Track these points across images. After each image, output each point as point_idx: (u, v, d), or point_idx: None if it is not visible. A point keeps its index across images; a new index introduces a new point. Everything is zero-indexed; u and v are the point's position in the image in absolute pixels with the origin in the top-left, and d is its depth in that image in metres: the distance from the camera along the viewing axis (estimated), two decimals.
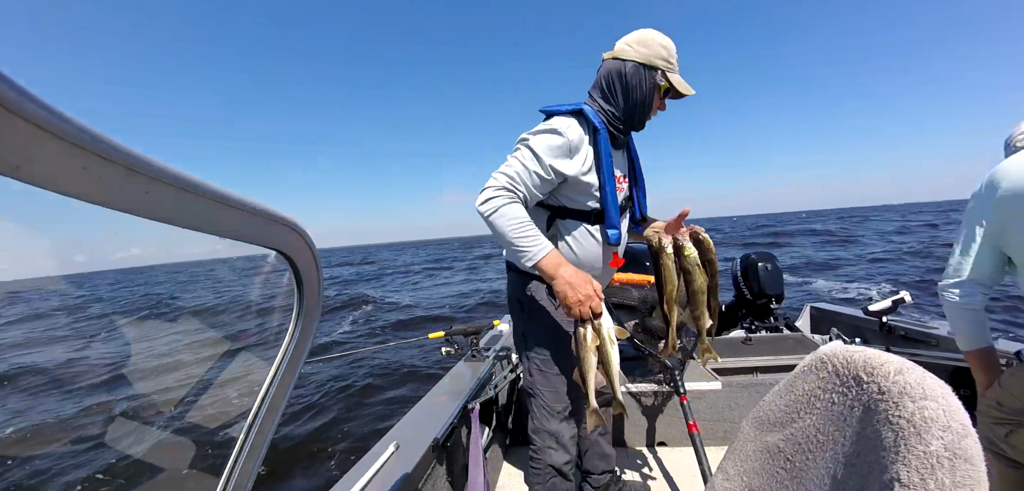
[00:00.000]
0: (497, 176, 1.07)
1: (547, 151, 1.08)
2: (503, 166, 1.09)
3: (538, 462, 1.26)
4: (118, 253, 0.41)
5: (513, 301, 1.28)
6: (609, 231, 1.17)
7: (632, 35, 1.16)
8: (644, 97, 1.15)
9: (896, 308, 2.02)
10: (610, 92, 1.16)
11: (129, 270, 40.06)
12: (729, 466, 0.82)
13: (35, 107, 0.24)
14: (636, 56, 1.13)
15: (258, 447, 0.61)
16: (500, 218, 1.03)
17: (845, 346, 0.65)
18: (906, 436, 0.47)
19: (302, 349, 0.61)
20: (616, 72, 1.14)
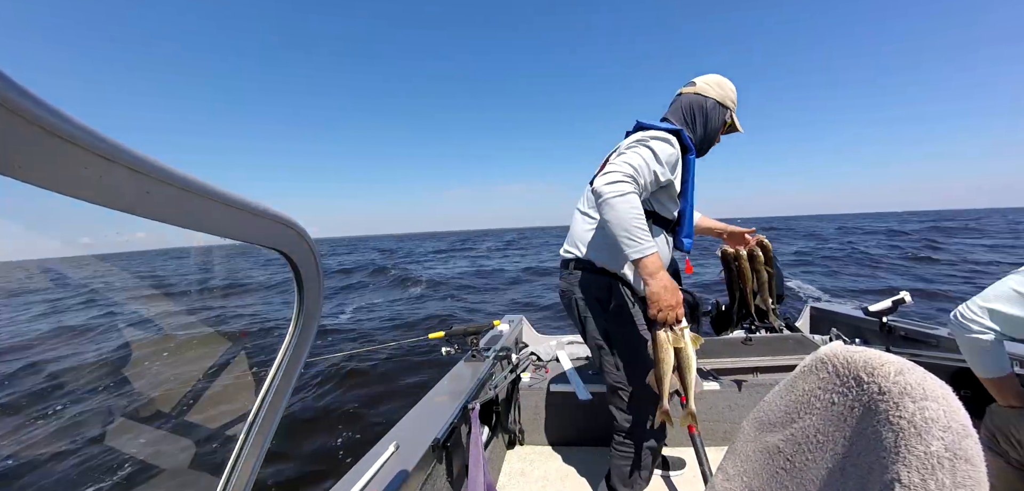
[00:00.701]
0: (622, 165, 1.14)
1: (665, 157, 1.21)
2: (626, 158, 1.17)
3: (632, 447, 1.38)
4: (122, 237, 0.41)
5: (591, 300, 1.37)
6: (685, 240, 1.36)
7: (712, 77, 1.37)
8: (716, 130, 1.37)
9: (896, 308, 2.02)
10: (691, 121, 1.35)
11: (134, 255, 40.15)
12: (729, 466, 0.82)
13: (35, 107, 0.24)
14: (715, 95, 1.34)
15: (258, 446, 0.61)
16: (624, 203, 1.10)
17: (845, 346, 0.65)
18: (907, 436, 0.47)
19: (302, 349, 0.61)
20: (698, 105, 1.34)
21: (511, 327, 2.49)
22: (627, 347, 1.35)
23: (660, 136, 1.23)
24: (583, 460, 1.93)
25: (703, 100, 1.35)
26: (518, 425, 2.04)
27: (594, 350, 1.43)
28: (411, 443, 1.21)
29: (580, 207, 1.46)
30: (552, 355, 2.35)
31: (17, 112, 0.23)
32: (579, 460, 1.93)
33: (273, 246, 0.49)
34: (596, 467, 1.88)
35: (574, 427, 2.03)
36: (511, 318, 2.68)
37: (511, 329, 2.46)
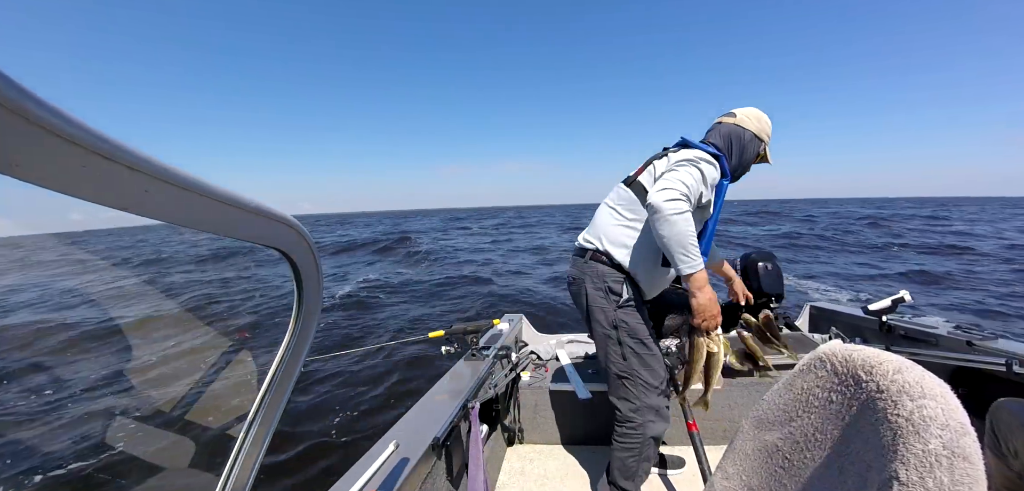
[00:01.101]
0: (677, 184, 1.22)
1: (710, 179, 1.30)
2: (681, 176, 1.25)
3: (635, 437, 1.40)
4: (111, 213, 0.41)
5: (604, 289, 1.40)
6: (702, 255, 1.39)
7: (751, 110, 1.47)
8: (750, 161, 1.47)
9: (895, 307, 2.02)
10: (728, 150, 1.43)
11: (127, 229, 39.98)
12: (728, 465, 0.82)
13: (34, 106, 0.24)
14: (753, 128, 1.44)
15: (258, 445, 0.61)
16: (682, 220, 1.19)
17: (844, 345, 0.65)
18: (905, 435, 0.47)
19: (302, 347, 0.61)
20: (737, 136, 1.44)
21: (511, 326, 2.49)
22: (636, 338, 1.38)
23: (709, 159, 1.32)
24: (583, 458, 1.93)
25: (742, 132, 1.44)
26: (518, 424, 2.04)
27: (601, 340, 1.43)
28: (411, 442, 1.21)
29: (609, 202, 1.49)
30: (552, 354, 2.35)
31: (17, 112, 0.23)
32: (579, 458, 1.93)
33: (273, 245, 0.49)
34: (596, 465, 1.88)
35: (574, 426, 2.03)
36: (511, 317, 2.68)
37: (511, 328, 2.47)
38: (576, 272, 1.48)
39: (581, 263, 1.46)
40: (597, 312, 1.41)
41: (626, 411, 1.41)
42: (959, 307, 6.42)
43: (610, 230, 1.43)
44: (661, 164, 1.42)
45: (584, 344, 2.58)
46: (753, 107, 1.49)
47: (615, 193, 1.50)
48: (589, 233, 1.49)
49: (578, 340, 2.65)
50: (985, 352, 1.60)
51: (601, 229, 1.45)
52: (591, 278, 1.42)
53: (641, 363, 1.38)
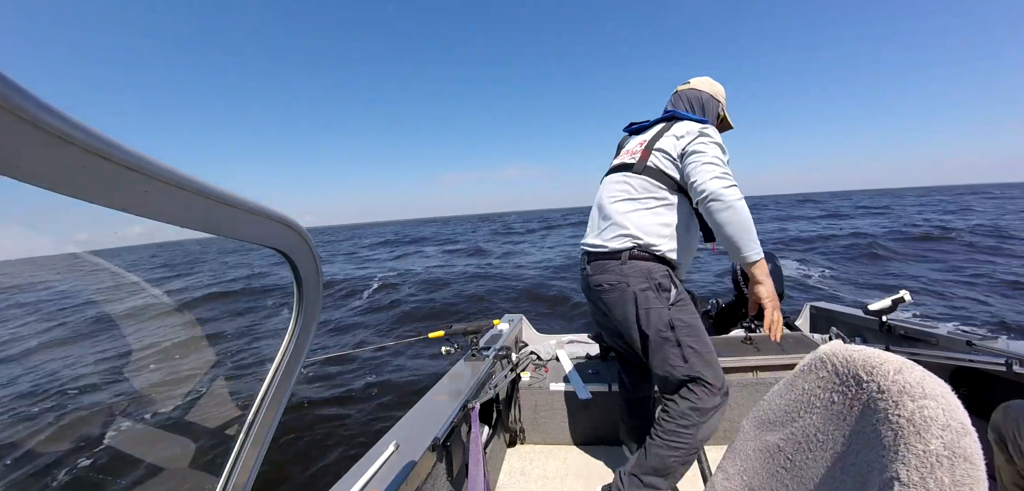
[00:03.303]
0: (722, 165, 1.22)
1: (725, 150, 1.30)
2: (716, 155, 1.24)
3: (686, 438, 1.27)
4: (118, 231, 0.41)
5: (654, 288, 1.30)
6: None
7: (702, 77, 1.52)
8: (713, 121, 1.48)
9: (896, 307, 2.02)
10: (700, 111, 1.47)
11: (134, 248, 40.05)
12: (729, 465, 0.82)
13: (34, 107, 0.24)
14: (709, 90, 1.49)
15: (258, 445, 0.61)
16: (743, 206, 1.17)
17: (845, 345, 0.65)
18: (905, 435, 0.47)
19: (302, 348, 0.61)
20: (697, 99, 1.48)
21: (511, 326, 2.49)
22: (695, 335, 1.29)
23: (714, 131, 1.31)
24: (583, 459, 1.93)
25: (700, 94, 1.49)
26: (518, 424, 2.04)
27: (656, 344, 1.29)
28: (411, 442, 1.21)
29: (626, 194, 1.38)
30: (552, 354, 2.35)
31: (17, 112, 0.23)
32: (579, 459, 1.93)
33: (273, 246, 0.49)
34: (596, 466, 1.88)
35: (574, 426, 2.03)
36: (511, 317, 2.68)
37: (511, 328, 2.46)
38: (613, 277, 1.32)
39: (617, 265, 1.32)
40: (652, 315, 1.28)
41: (684, 408, 1.27)
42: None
43: (643, 222, 1.32)
44: (669, 143, 1.34)
45: (584, 344, 2.57)
46: (705, 76, 1.54)
47: (625, 183, 1.39)
48: (615, 231, 1.35)
49: (578, 340, 2.65)
50: (985, 352, 1.60)
51: (632, 223, 1.32)
52: (636, 278, 1.29)
53: (703, 363, 1.27)
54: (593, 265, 1.41)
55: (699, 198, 1.21)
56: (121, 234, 0.51)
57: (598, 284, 1.38)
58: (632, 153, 1.46)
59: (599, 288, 1.37)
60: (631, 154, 1.46)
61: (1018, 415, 1.02)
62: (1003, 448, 1.03)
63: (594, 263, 1.40)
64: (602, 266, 1.37)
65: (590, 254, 1.43)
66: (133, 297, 2.99)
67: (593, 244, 1.42)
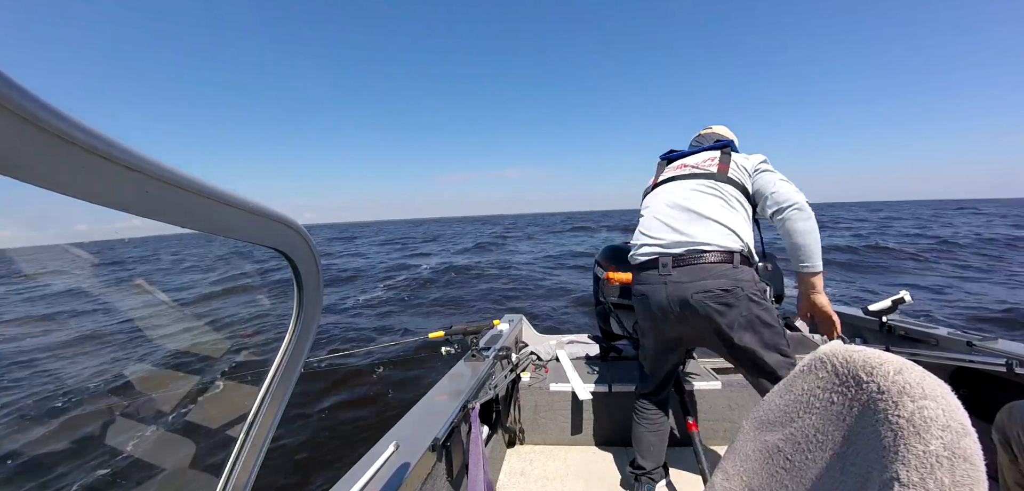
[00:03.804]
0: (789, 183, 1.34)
1: None
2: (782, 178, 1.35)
3: None
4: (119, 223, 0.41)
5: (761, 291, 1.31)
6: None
7: (721, 127, 1.67)
8: None
9: (896, 308, 2.02)
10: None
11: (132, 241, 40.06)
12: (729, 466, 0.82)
13: (34, 107, 0.24)
14: (732, 136, 1.63)
15: (258, 446, 0.61)
16: (812, 221, 1.26)
17: (844, 345, 0.65)
18: (905, 436, 0.47)
19: (302, 348, 0.61)
20: (727, 140, 1.57)
21: (511, 326, 2.49)
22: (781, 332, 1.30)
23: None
24: (583, 459, 1.93)
25: (728, 137, 1.61)
26: (518, 424, 2.04)
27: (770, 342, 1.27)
28: (411, 442, 1.21)
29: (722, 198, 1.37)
30: (552, 354, 2.35)
31: (17, 112, 0.23)
32: (579, 459, 1.93)
33: (273, 246, 0.49)
34: (596, 466, 1.88)
35: (574, 426, 2.03)
36: (511, 317, 2.68)
37: (511, 328, 2.47)
38: (726, 282, 1.25)
39: (729, 269, 1.26)
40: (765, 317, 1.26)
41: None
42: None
43: (741, 227, 1.32)
44: (741, 159, 1.44)
45: (584, 345, 2.58)
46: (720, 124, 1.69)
47: (713, 189, 1.38)
48: (717, 233, 1.30)
49: (578, 340, 2.65)
50: (985, 352, 1.60)
51: (733, 226, 1.31)
52: (749, 283, 1.26)
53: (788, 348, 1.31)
54: (687, 270, 1.30)
55: (783, 205, 1.29)
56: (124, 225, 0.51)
57: (704, 290, 1.26)
58: (705, 164, 1.47)
59: (705, 293, 1.26)
60: (704, 165, 1.47)
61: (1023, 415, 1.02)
62: (1007, 448, 1.03)
63: (688, 267, 1.30)
64: (707, 270, 1.27)
65: (680, 257, 1.32)
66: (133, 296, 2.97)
67: (690, 246, 1.31)
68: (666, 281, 1.33)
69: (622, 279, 2.02)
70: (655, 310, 1.37)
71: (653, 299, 1.37)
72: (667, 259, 1.34)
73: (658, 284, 1.35)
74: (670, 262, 1.33)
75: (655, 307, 1.37)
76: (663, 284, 1.34)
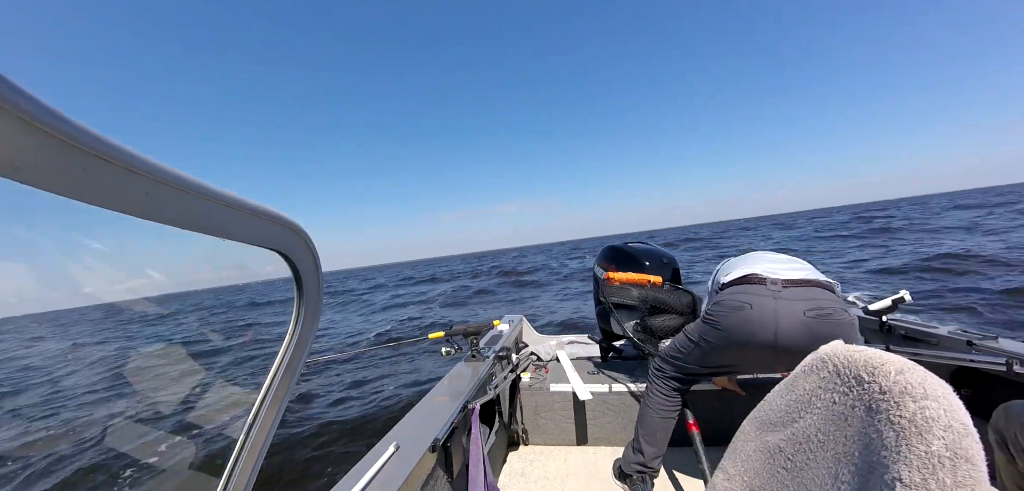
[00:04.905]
0: None
1: None
2: None
3: None
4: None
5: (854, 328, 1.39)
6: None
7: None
8: None
9: (896, 308, 2.02)
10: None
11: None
12: (730, 466, 0.82)
13: (35, 108, 0.24)
14: None
15: (258, 447, 0.61)
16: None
17: (846, 346, 0.65)
18: (907, 436, 0.47)
19: (302, 350, 0.61)
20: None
21: (511, 327, 2.49)
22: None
23: None
24: (583, 460, 1.93)
25: None
26: (518, 425, 2.04)
27: None
28: (411, 443, 1.21)
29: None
30: (552, 355, 2.35)
31: (16, 114, 0.23)
32: (579, 460, 1.93)
33: (273, 247, 0.49)
34: (597, 466, 1.88)
35: (574, 427, 2.03)
36: (511, 318, 2.68)
37: (511, 329, 2.46)
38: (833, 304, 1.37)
39: (835, 297, 1.39)
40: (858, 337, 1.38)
41: None
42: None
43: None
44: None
45: (584, 345, 2.57)
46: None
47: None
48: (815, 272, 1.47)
49: (578, 341, 2.65)
50: (986, 352, 1.60)
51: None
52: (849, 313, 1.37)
53: None
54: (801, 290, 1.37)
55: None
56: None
57: (820, 307, 1.34)
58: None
59: (820, 311, 1.34)
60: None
61: (1020, 415, 1.02)
62: (1004, 448, 1.03)
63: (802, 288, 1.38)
64: (821, 293, 1.37)
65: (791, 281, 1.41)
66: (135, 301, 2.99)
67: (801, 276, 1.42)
68: (775, 297, 1.34)
69: (622, 279, 2.02)
70: (753, 321, 1.36)
71: (757, 310, 1.35)
72: (776, 280, 1.37)
73: (765, 296, 1.35)
74: (780, 283, 1.36)
75: (755, 319, 1.35)
76: (772, 299, 1.34)
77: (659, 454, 1.62)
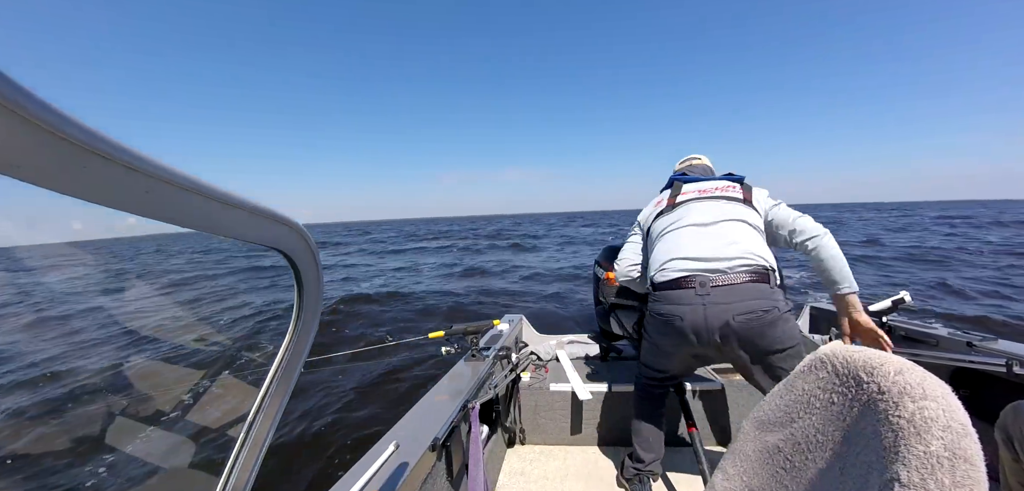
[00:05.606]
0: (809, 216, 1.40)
1: None
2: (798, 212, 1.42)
3: None
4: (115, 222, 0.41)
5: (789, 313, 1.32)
6: None
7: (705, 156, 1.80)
8: None
9: (896, 308, 2.03)
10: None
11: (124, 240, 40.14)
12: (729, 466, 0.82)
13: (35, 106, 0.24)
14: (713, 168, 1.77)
15: (258, 446, 0.61)
16: (836, 245, 1.33)
17: (845, 346, 0.65)
18: (906, 436, 0.47)
19: (302, 349, 0.61)
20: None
21: (511, 326, 2.49)
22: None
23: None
24: (583, 459, 1.93)
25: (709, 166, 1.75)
26: (518, 424, 2.04)
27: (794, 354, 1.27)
28: (411, 442, 1.21)
29: (754, 223, 1.42)
30: (552, 355, 2.35)
31: (16, 112, 0.23)
32: (579, 459, 1.93)
33: (273, 246, 0.49)
34: (596, 466, 1.88)
35: (574, 426, 2.03)
36: (511, 317, 2.68)
37: (511, 328, 2.47)
38: (766, 302, 1.26)
39: (768, 289, 1.28)
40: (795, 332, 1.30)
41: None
42: None
43: (768, 253, 1.36)
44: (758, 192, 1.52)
45: (584, 345, 2.58)
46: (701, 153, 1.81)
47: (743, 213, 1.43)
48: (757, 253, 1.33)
49: (578, 340, 2.65)
50: (986, 353, 1.60)
51: (765, 252, 1.35)
52: (782, 306, 1.29)
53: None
54: (728, 290, 1.28)
55: (812, 234, 1.35)
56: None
57: (748, 311, 1.26)
58: (726, 189, 1.52)
59: (750, 314, 1.25)
60: (726, 189, 1.51)
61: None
62: (1010, 447, 1.03)
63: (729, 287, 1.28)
64: (751, 290, 1.27)
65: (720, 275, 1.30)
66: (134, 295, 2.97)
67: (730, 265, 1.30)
68: (705, 302, 1.28)
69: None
70: (688, 332, 1.31)
71: (689, 320, 1.30)
72: (705, 278, 1.30)
73: (696, 304, 1.29)
74: (709, 281, 1.29)
75: (689, 328, 1.30)
76: (701, 305, 1.28)
77: (657, 457, 1.62)
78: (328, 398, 3.92)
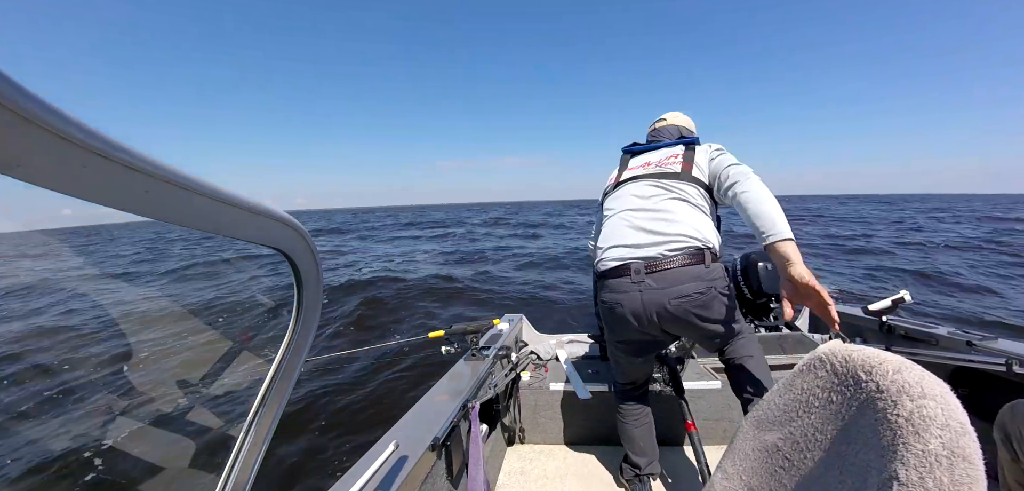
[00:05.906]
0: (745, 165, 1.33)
1: None
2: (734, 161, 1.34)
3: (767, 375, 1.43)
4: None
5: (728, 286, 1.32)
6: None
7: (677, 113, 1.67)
8: None
9: (896, 308, 2.03)
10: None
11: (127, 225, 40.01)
12: (728, 465, 0.82)
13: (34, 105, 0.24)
14: (689, 124, 1.65)
15: (259, 445, 0.61)
16: (765, 188, 1.22)
17: (844, 345, 0.65)
18: (904, 435, 0.47)
19: (302, 348, 0.61)
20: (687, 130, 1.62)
21: (511, 326, 2.49)
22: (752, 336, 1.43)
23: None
24: (583, 459, 1.93)
25: (688, 127, 1.63)
26: (518, 424, 2.04)
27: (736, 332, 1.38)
28: (411, 442, 1.21)
29: (688, 199, 1.37)
30: (552, 354, 2.35)
31: (16, 112, 0.23)
32: (579, 459, 1.94)
33: (272, 245, 0.49)
34: (596, 466, 1.88)
35: (574, 426, 2.03)
36: (511, 317, 2.68)
37: (511, 328, 2.47)
38: (701, 284, 1.26)
39: (702, 270, 1.27)
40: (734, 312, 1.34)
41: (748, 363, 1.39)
42: None
43: (706, 225, 1.32)
44: (700, 156, 1.43)
45: (584, 344, 2.58)
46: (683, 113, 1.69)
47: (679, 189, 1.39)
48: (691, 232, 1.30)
49: (578, 340, 2.65)
50: (985, 352, 1.60)
51: (701, 226, 1.31)
52: (720, 280, 1.29)
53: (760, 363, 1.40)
54: (662, 275, 1.28)
55: (735, 180, 1.27)
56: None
57: (682, 295, 1.26)
58: (668, 162, 1.45)
59: (684, 297, 1.26)
60: (668, 163, 1.45)
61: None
62: (1008, 446, 1.03)
63: (662, 273, 1.28)
64: (682, 274, 1.27)
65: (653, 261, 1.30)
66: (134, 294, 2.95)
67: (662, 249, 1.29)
68: (641, 289, 1.29)
69: None
70: (630, 318, 1.33)
71: (628, 307, 1.32)
72: (639, 265, 1.30)
73: (632, 292, 1.31)
74: (643, 268, 1.29)
75: (630, 315, 1.33)
76: (638, 292, 1.30)
77: (651, 460, 1.62)
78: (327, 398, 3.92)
